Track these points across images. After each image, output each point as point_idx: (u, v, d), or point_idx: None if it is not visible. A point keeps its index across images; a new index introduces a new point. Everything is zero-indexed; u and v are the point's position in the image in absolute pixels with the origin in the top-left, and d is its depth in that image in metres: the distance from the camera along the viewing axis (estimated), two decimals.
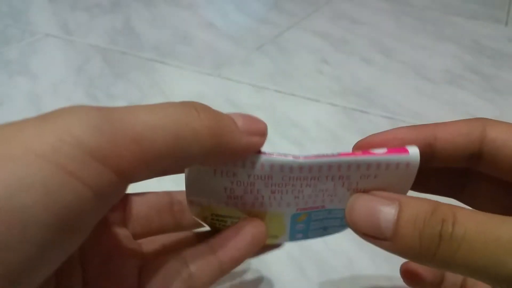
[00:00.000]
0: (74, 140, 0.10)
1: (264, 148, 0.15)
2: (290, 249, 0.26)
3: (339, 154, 0.15)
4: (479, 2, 0.72)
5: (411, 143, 0.15)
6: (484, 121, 0.15)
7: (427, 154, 0.15)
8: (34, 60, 0.54)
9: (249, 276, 0.25)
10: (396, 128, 0.16)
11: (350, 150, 0.16)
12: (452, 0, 0.73)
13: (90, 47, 0.57)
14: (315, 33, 0.60)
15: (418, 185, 0.16)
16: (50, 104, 0.44)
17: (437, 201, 0.13)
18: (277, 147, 0.36)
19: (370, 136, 0.16)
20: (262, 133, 0.15)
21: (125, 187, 0.12)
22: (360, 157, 0.14)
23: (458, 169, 0.16)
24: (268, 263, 0.26)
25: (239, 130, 0.14)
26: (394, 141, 0.15)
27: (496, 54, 0.54)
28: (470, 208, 0.15)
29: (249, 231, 0.16)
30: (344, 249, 0.26)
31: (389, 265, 0.25)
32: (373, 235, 0.14)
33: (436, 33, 0.60)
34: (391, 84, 0.47)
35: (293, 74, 0.49)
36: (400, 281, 0.24)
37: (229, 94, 0.45)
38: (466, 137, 0.15)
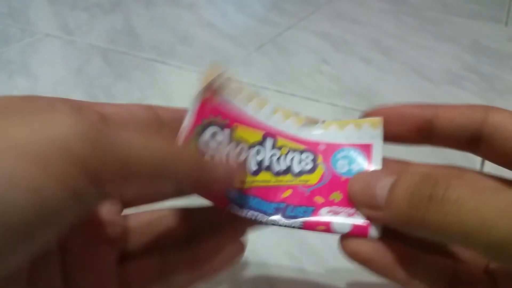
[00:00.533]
0: (66, 149, 0.11)
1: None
2: (289, 248, 0.27)
3: (304, 225, 0.16)
4: (479, 2, 0.72)
5: (412, 118, 0.16)
6: (487, 107, 0.15)
7: (426, 130, 0.16)
8: (34, 60, 0.54)
9: (248, 276, 0.25)
10: (400, 104, 0.17)
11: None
12: (452, 0, 0.73)
13: (90, 47, 0.57)
14: (315, 33, 0.60)
15: None
16: None
17: (423, 165, 0.14)
18: None
19: (376, 108, 0.17)
20: (233, 179, 0.16)
21: (104, 199, 0.12)
22: (322, 232, 0.16)
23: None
24: (268, 262, 0.26)
25: (218, 176, 0.15)
26: (396, 116, 0.16)
27: (496, 54, 0.54)
28: None
29: (225, 247, 0.17)
30: None
31: None
32: (368, 204, 0.14)
33: (436, 33, 0.60)
34: (391, 84, 0.47)
35: (293, 74, 0.49)
36: None
37: None
38: (468, 118, 0.15)
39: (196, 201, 0.18)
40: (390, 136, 0.17)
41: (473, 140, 0.15)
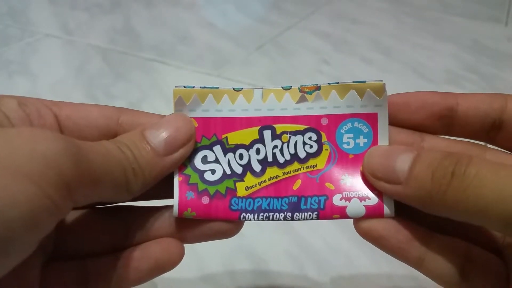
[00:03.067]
0: (57, 169, 0.12)
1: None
2: (289, 247, 0.27)
3: (320, 216, 0.16)
4: (479, 2, 0.72)
5: (434, 106, 0.16)
6: (506, 95, 0.15)
7: (447, 119, 0.15)
8: (34, 60, 0.54)
9: (248, 276, 0.25)
10: (420, 91, 0.16)
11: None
12: (452, 0, 0.73)
13: (90, 47, 0.57)
14: (315, 33, 0.60)
15: None
16: None
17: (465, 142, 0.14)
18: None
19: (395, 95, 0.17)
20: (186, 142, 0.16)
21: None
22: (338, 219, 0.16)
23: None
24: (268, 262, 0.26)
25: (159, 159, 0.15)
26: (416, 102, 0.16)
27: (496, 54, 0.54)
28: None
29: (154, 254, 0.16)
30: (343, 248, 0.26)
31: (389, 263, 0.25)
32: (387, 178, 0.14)
33: (436, 33, 0.60)
34: (391, 84, 0.46)
35: (293, 74, 0.49)
36: (399, 280, 0.24)
37: None
38: (488, 105, 0.15)
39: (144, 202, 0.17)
40: (411, 124, 0.16)
41: (493, 128, 0.15)
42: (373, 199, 0.16)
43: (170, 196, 0.16)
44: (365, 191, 0.16)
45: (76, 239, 0.17)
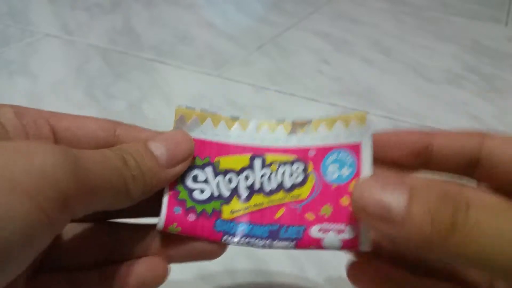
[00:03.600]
0: (55, 182, 0.12)
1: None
2: None
3: (296, 246, 0.16)
4: (479, 2, 0.72)
5: (411, 144, 0.16)
6: (483, 133, 0.16)
7: (424, 156, 0.16)
8: (34, 60, 0.54)
9: (248, 276, 0.25)
10: (398, 130, 0.17)
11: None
12: (452, 0, 0.73)
13: (90, 47, 0.57)
14: (315, 33, 0.61)
15: None
16: (50, 104, 0.44)
17: (445, 181, 0.14)
18: None
19: (374, 134, 0.17)
20: (185, 158, 0.16)
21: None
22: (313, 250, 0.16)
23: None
24: (268, 263, 0.26)
25: (160, 169, 0.16)
26: (395, 141, 0.16)
27: (496, 54, 0.54)
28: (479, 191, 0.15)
29: (140, 272, 0.16)
30: None
31: None
32: (380, 216, 0.13)
33: (436, 33, 0.60)
34: (391, 84, 0.47)
35: (293, 74, 0.49)
36: None
37: (229, 94, 0.45)
38: (465, 144, 0.15)
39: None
40: (389, 162, 0.17)
41: (470, 165, 0.16)
42: (350, 232, 0.16)
43: (157, 214, 0.17)
44: (343, 223, 0.16)
45: (64, 252, 0.17)
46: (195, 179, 0.17)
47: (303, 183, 0.17)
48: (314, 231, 0.16)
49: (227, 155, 0.18)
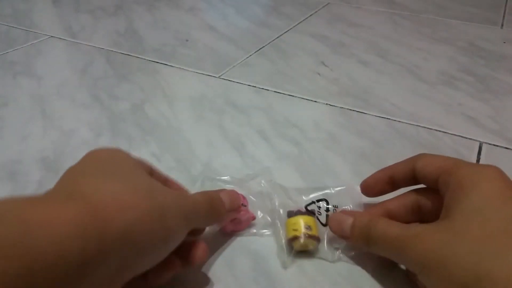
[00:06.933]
0: (197, 215, 0.23)
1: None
2: None
3: None
4: (475, 5, 0.73)
5: (382, 179, 0.27)
6: (417, 157, 0.25)
7: (391, 183, 0.26)
8: (38, 61, 0.55)
9: (248, 275, 0.26)
10: (372, 174, 0.27)
11: (344, 149, 0.20)
12: (448, 3, 0.74)
13: (93, 49, 0.58)
14: (313, 35, 0.61)
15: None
16: (54, 105, 0.45)
17: (372, 214, 0.25)
18: (277, 147, 0.37)
19: (363, 181, 0.28)
20: (237, 208, 0.27)
21: None
22: None
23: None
24: (267, 261, 0.26)
25: (225, 211, 0.25)
26: (373, 180, 0.27)
27: (491, 55, 0.55)
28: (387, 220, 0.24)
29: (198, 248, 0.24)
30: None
31: (387, 262, 0.26)
32: (341, 235, 0.25)
33: (432, 35, 0.61)
34: (387, 85, 0.48)
35: (292, 75, 0.50)
36: (398, 277, 0.25)
37: (230, 95, 0.46)
38: (407, 168, 0.26)
39: None
40: (374, 192, 0.27)
41: (413, 179, 0.25)
42: None
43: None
44: None
45: None
46: None
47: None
48: None
49: None
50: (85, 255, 0.15)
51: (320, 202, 0.28)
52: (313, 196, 0.29)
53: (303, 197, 0.29)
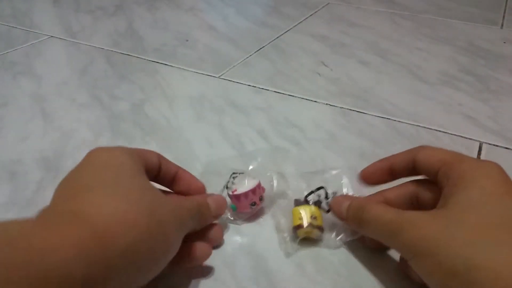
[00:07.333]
0: (190, 219, 0.24)
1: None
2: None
3: None
4: (475, 5, 0.73)
5: (383, 168, 0.27)
6: (420, 148, 0.25)
7: (391, 173, 0.27)
8: (38, 61, 0.55)
9: (248, 274, 0.26)
10: (372, 163, 0.27)
11: (344, 149, 0.20)
12: (448, 3, 0.74)
13: (93, 49, 0.58)
14: (313, 35, 0.62)
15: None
16: (54, 105, 0.45)
17: (364, 198, 0.26)
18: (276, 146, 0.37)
19: (363, 170, 0.28)
20: (221, 214, 0.27)
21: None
22: None
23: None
24: (267, 260, 0.26)
25: (211, 217, 0.26)
26: (374, 169, 0.27)
27: (491, 55, 0.55)
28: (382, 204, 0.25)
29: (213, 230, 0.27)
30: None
31: (386, 261, 0.26)
32: (339, 216, 0.27)
33: (432, 35, 0.61)
34: (387, 85, 0.48)
35: (292, 75, 0.50)
36: (396, 276, 0.25)
37: (230, 95, 0.46)
38: (407, 158, 0.26)
39: None
40: (373, 181, 0.27)
41: (413, 169, 0.26)
42: None
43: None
44: None
45: None
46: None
47: None
48: None
49: None
50: (89, 277, 0.16)
51: (320, 191, 0.28)
52: (313, 182, 0.29)
53: (304, 184, 0.29)
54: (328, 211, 0.28)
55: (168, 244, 0.21)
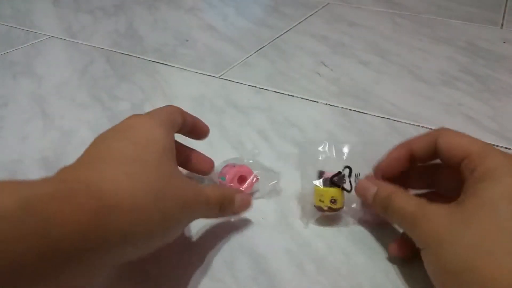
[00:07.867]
0: (200, 202, 0.24)
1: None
2: (288, 246, 0.27)
3: None
4: (475, 5, 0.73)
5: (400, 156, 0.26)
6: (440, 131, 0.25)
7: (410, 157, 0.26)
8: (38, 61, 0.55)
9: (248, 274, 0.26)
10: (389, 152, 0.27)
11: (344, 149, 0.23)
12: (448, 3, 0.74)
13: (94, 49, 0.58)
14: (313, 35, 0.62)
15: (406, 184, 0.27)
16: (54, 105, 0.45)
17: (391, 186, 0.26)
18: (276, 147, 0.37)
19: (379, 162, 0.27)
20: (243, 211, 0.28)
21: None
22: None
23: (428, 171, 0.28)
24: (267, 260, 0.27)
25: (231, 210, 0.27)
26: (392, 158, 0.27)
27: (491, 55, 0.55)
28: (411, 193, 0.25)
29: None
30: (340, 245, 0.27)
31: (386, 260, 0.26)
32: (365, 201, 0.27)
33: (431, 35, 0.61)
34: (387, 85, 0.48)
35: (292, 75, 0.50)
36: (395, 275, 0.25)
37: (230, 95, 0.46)
38: (428, 143, 0.25)
39: None
40: (393, 172, 0.27)
41: (433, 154, 0.25)
42: None
43: None
44: None
45: None
46: None
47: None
48: None
49: None
50: (86, 247, 0.17)
51: (345, 169, 0.29)
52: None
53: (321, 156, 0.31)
54: (349, 191, 0.28)
55: (167, 231, 0.22)
